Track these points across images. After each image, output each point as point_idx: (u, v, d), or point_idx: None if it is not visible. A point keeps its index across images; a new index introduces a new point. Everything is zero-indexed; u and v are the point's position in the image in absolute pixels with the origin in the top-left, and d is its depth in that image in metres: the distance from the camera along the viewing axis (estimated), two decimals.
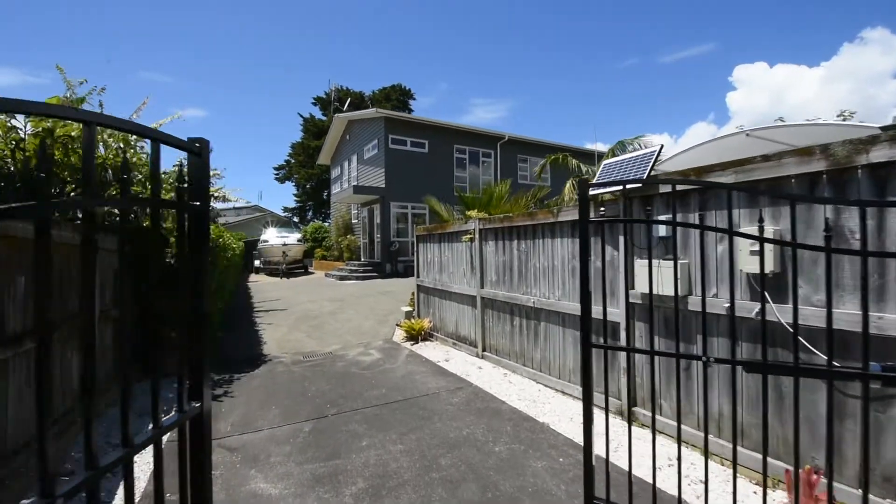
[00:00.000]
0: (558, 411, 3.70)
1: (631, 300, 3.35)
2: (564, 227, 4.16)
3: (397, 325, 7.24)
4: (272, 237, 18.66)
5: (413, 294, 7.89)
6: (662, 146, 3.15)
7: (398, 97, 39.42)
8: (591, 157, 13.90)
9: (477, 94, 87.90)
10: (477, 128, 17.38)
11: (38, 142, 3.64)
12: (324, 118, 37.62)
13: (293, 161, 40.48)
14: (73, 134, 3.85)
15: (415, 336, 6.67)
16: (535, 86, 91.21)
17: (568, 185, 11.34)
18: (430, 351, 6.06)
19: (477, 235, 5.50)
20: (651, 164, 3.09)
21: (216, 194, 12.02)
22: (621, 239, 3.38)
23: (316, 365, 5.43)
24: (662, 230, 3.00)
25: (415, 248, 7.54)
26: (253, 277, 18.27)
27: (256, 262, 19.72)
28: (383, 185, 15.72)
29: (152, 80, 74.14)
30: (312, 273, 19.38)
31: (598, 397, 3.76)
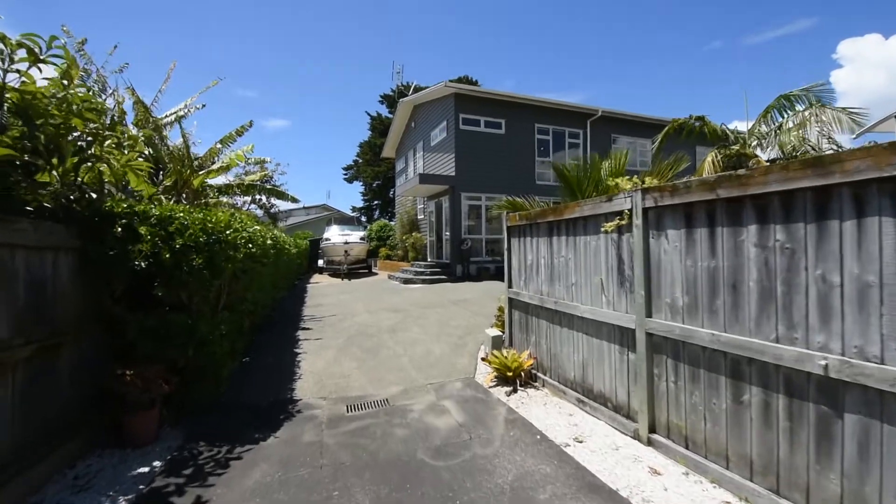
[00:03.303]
0: None
1: None
2: None
3: (482, 359, 4.97)
4: (334, 235, 17.51)
5: (502, 310, 5.58)
6: None
7: None
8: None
9: (545, 88, 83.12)
10: (563, 102, 14.53)
11: None
12: (390, 115, 36.83)
13: (361, 160, 40.41)
14: None
15: (509, 379, 4.35)
16: (609, 77, 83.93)
17: (709, 158, 8.26)
18: (541, 411, 3.71)
19: (638, 219, 3.02)
20: None
21: (278, 188, 10.77)
22: None
23: (362, 431, 3.35)
24: None
25: (505, 245, 5.21)
26: (315, 278, 17.27)
27: (320, 262, 18.79)
28: (453, 174, 13.59)
29: (244, 96, 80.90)
30: (376, 274, 17.96)
31: None
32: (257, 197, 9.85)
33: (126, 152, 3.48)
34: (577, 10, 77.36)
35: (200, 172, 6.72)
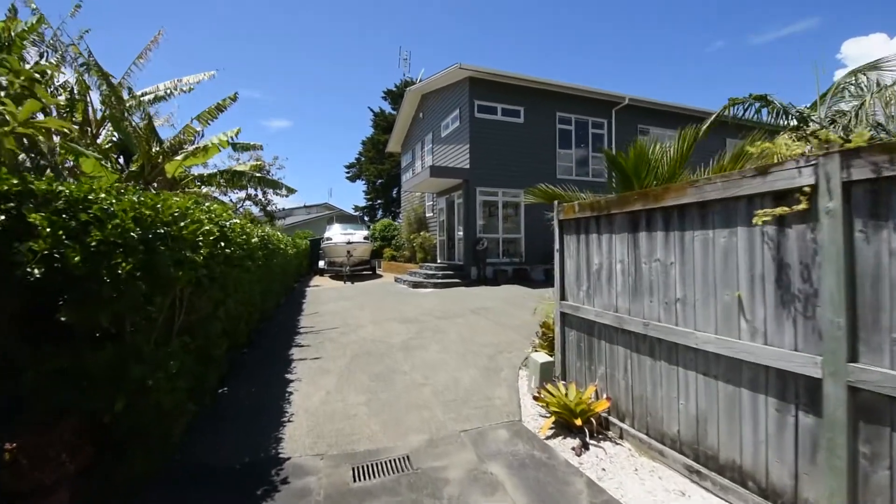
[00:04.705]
0: None
1: None
2: None
3: (535, 398, 3.79)
4: (336, 235, 16.35)
5: (548, 327, 4.43)
6: None
7: None
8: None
9: None
10: (587, 88, 13.32)
11: None
12: (394, 112, 35.65)
13: (363, 158, 39.25)
14: None
15: (574, 427, 3.18)
16: (610, 78, 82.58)
17: (781, 141, 7.06)
18: (636, 485, 2.55)
19: (833, 201, 1.85)
20: None
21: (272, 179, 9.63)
22: None
23: None
24: None
25: (557, 244, 4.04)
26: (316, 280, 16.15)
27: (321, 263, 17.66)
28: (467, 166, 12.42)
29: (247, 96, 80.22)
30: (381, 276, 16.83)
31: None
32: (251, 192, 8.69)
33: (6, 100, 2.33)
34: (578, 10, 76.11)
35: (176, 157, 5.59)
